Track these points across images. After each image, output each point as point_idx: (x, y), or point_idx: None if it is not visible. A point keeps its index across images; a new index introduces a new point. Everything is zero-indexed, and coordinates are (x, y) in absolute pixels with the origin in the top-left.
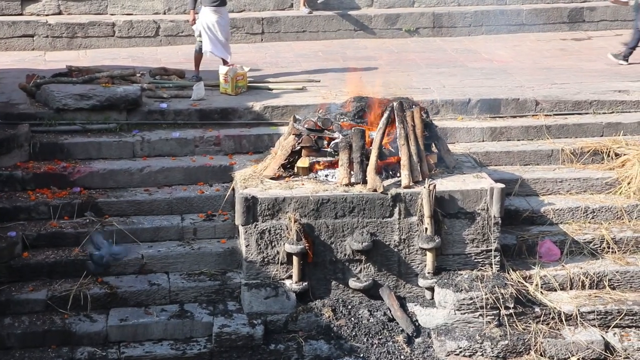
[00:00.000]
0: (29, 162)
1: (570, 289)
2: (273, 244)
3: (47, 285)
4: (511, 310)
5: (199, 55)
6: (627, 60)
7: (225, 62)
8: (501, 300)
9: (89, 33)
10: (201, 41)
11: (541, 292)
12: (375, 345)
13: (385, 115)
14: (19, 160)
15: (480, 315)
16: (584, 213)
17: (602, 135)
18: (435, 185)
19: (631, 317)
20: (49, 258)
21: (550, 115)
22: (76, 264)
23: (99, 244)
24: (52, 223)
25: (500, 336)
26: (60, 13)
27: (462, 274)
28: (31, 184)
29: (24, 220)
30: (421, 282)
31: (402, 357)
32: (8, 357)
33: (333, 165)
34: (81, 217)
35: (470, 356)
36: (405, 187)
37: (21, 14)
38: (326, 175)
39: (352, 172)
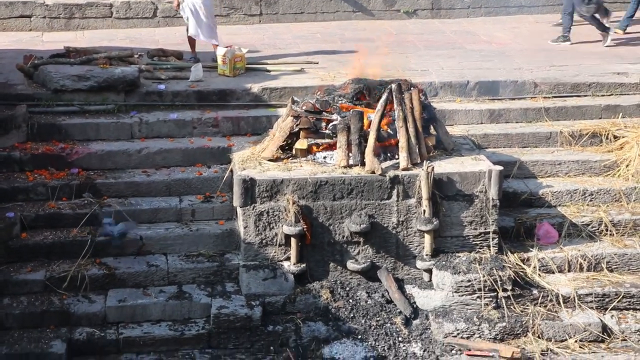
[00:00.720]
0: (26, 143)
1: (568, 271)
2: (271, 226)
3: (45, 265)
4: (509, 293)
5: (192, 38)
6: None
7: (215, 45)
8: (499, 283)
9: (87, 14)
10: None
11: (539, 274)
12: (373, 327)
13: (384, 97)
14: (16, 141)
15: (478, 297)
16: (582, 195)
17: (600, 118)
18: (433, 168)
19: (629, 300)
20: (47, 239)
21: (549, 97)
22: (74, 245)
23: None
24: (50, 204)
25: (498, 318)
26: None
27: (460, 256)
28: (29, 164)
29: (22, 201)
30: (419, 264)
31: (399, 338)
32: (6, 338)
33: (331, 147)
34: (79, 198)
35: (467, 338)
36: (403, 169)
37: None
38: (324, 157)
39: (350, 154)
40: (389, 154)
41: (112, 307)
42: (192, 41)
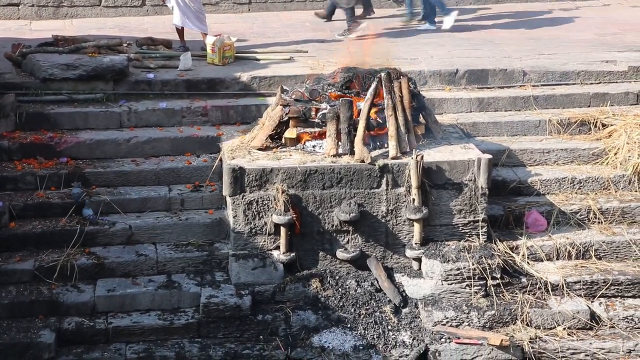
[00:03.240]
0: (15, 132)
1: (557, 259)
2: (261, 215)
3: (34, 255)
4: (498, 281)
5: (179, 27)
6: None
7: (203, 34)
8: (488, 271)
9: (75, 2)
10: None
11: (528, 262)
12: (362, 316)
13: (373, 86)
14: (5, 130)
15: (467, 285)
16: (570, 183)
17: (589, 106)
18: (422, 156)
19: (617, 287)
20: (35, 228)
21: (538, 85)
22: (63, 235)
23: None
24: (38, 193)
25: (487, 306)
26: None
27: (449, 245)
28: (17, 154)
29: (11, 191)
30: (408, 252)
31: (389, 327)
32: None
33: (321, 136)
34: (68, 187)
35: (457, 326)
36: (392, 158)
37: None
38: (314, 146)
39: (339, 143)
40: (378, 143)
41: (101, 296)
42: (180, 30)
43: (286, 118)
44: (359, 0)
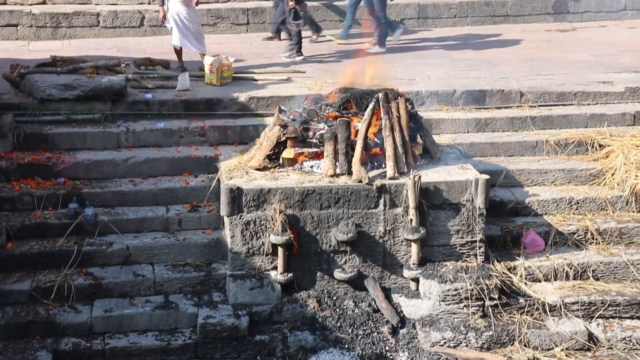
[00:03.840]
0: (13, 152)
1: (555, 279)
2: (258, 235)
3: (31, 276)
4: (496, 301)
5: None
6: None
7: (202, 54)
8: (486, 291)
9: (74, 23)
10: None
11: (525, 283)
12: (360, 336)
13: (371, 106)
14: (2, 151)
15: (464, 306)
16: (568, 204)
17: (586, 127)
18: (420, 177)
19: (615, 308)
20: (33, 249)
21: (535, 106)
22: (61, 255)
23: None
24: (36, 214)
25: (484, 327)
26: (44, 3)
27: (446, 265)
28: (15, 174)
29: (8, 211)
30: (406, 273)
31: (387, 348)
32: None
33: (318, 156)
34: (65, 207)
35: (454, 347)
36: (390, 178)
37: (5, 3)
38: (311, 166)
39: (337, 163)
40: (376, 163)
41: (98, 317)
42: (178, 51)
43: (284, 138)
44: (307, 22)
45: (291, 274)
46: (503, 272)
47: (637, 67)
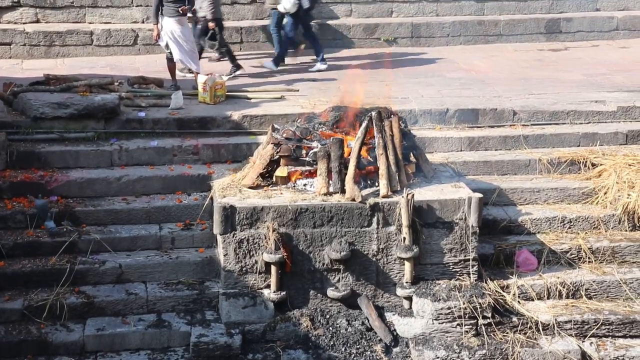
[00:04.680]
0: (5, 170)
1: (548, 298)
2: (251, 253)
3: (23, 294)
4: (489, 320)
5: (172, 65)
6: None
7: (195, 73)
8: (479, 310)
9: (67, 41)
10: (170, 52)
11: (518, 301)
12: (353, 355)
13: (364, 124)
14: None
15: (458, 324)
16: (561, 223)
17: (579, 146)
18: (413, 195)
19: (607, 327)
20: (25, 267)
21: (528, 125)
22: (53, 273)
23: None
24: (28, 232)
25: (477, 346)
26: (37, 21)
27: (440, 284)
28: (8, 192)
29: (1, 229)
30: (399, 291)
31: None
32: None
33: (312, 174)
34: (59, 226)
35: None
36: (383, 197)
37: None
38: (305, 185)
39: (330, 182)
40: (369, 182)
41: (90, 335)
42: (172, 68)
43: (277, 156)
44: (224, 50)
45: (284, 293)
46: (496, 291)
47: (630, 87)
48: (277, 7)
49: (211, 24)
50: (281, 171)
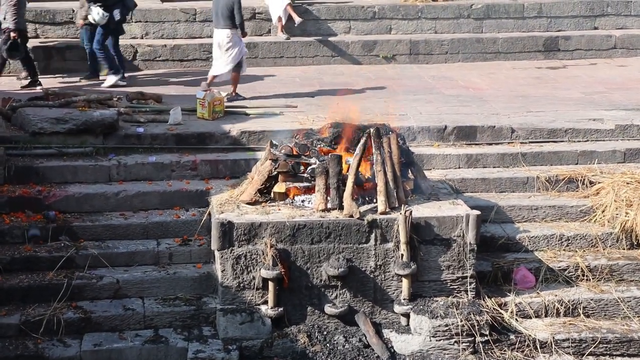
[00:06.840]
0: (3, 185)
1: (545, 316)
2: (249, 269)
3: (20, 309)
4: (486, 338)
5: (235, 74)
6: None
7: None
8: (476, 327)
9: (66, 57)
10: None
11: (516, 319)
12: None
13: (362, 141)
14: None
15: (455, 342)
16: (558, 240)
17: (577, 163)
18: (411, 212)
19: (605, 345)
20: (22, 282)
21: (526, 142)
22: (50, 289)
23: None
24: (26, 247)
25: None
26: (37, 37)
27: (437, 301)
28: (5, 207)
29: None
30: (397, 308)
31: None
32: None
33: (310, 190)
34: (56, 241)
35: None
36: (381, 213)
37: None
38: (302, 201)
39: (328, 198)
40: (367, 198)
41: (87, 351)
42: (235, 77)
43: (275, 172)
44: (24, 61)
45: (282, 309)
46: (494, 308)
47: (627, 105)
48: (87, 21)
49: (13, 34)
50: (279, 187)
